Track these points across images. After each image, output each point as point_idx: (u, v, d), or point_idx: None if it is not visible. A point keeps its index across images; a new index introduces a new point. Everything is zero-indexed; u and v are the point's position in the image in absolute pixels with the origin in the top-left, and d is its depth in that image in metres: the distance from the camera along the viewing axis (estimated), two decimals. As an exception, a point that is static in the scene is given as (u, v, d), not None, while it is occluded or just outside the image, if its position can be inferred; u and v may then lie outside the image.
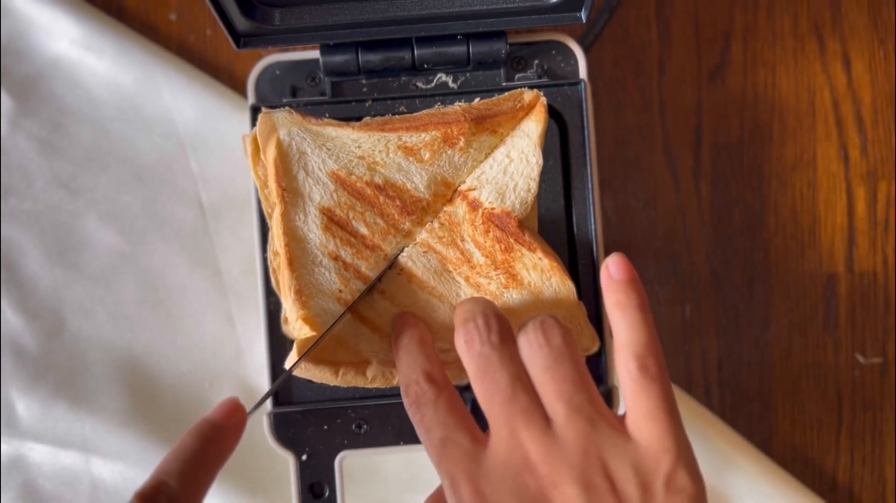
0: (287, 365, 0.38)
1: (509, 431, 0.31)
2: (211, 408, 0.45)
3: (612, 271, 0.34)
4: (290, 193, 0.38)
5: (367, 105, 0.40)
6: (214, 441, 0.31)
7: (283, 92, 0.41)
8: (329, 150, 0.38)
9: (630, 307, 0.33)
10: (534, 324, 0.33)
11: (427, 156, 0.38)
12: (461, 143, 0.38)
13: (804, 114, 0.47)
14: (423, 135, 0.38)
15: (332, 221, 0.38)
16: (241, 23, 0.38)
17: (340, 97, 0.41)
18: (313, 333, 0.38)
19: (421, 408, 0.33)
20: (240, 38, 0.39)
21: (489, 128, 0.38)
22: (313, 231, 0.38)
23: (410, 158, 0.38)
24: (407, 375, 0.34)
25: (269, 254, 0.40)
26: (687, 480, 0.30)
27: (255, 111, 0.40)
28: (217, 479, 0.44)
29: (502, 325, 0.33)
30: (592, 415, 0.31)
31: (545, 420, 0.31)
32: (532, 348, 0.32)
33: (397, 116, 0.39)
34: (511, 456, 0.30)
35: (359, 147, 0.38)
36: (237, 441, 0.33)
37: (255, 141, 0.39)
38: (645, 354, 0.32)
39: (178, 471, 0.30)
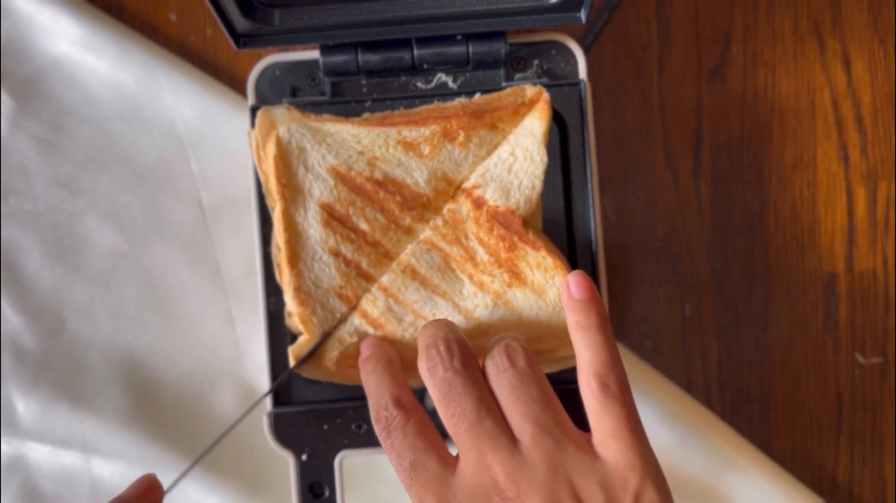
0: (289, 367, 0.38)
1: (477, 454, 0.31)
2: (211, 408, 0.45)
3: (573, 291, 0.35)
4: (290, 190, 0.38)
5: (366, 105, 0.40)
6: None
7: (283, 92, 0.41)
8: (329, 145, 0.38)
9: (590, 328, 0.33)
10: (499, 347, 0.34)
11: (427, 150, 0.38)
12: (461, 138, 0.38)
13: (804, 114, 0.47)
14: (422, 129, 0.38)
15: (333, 217, 0.38)
16: (241, 23, 0.38)
17: (340, 97, 0.41)
18: (307, 335, 0.38)
19: (391, 433, 0.33)
20: (240, 39, 0.39)
21: (489, 122, 0.38)
22: (314, 227, 0.38)
23: (410, 153, 0.38)
24: (376, 401, 0.35)
25: (273, 249, 0.40)
26: (655, 495, 0.31)
27: (254, 111, 0.40)
28: (217, 479, 0.45)
29: (464, 350, 0.33)
30: (559, 435, 0.31)
31: (512, 442, 0.31)
32: (498, 370, 0.33)
33: (397, 112, 0.39)
34: (479, 478, 0.31)
35: (358, 142, 0.38)
36: None
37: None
38: (606, 374, 0.32)
39: None
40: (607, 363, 0.33)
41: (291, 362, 0.38)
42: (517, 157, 0.38)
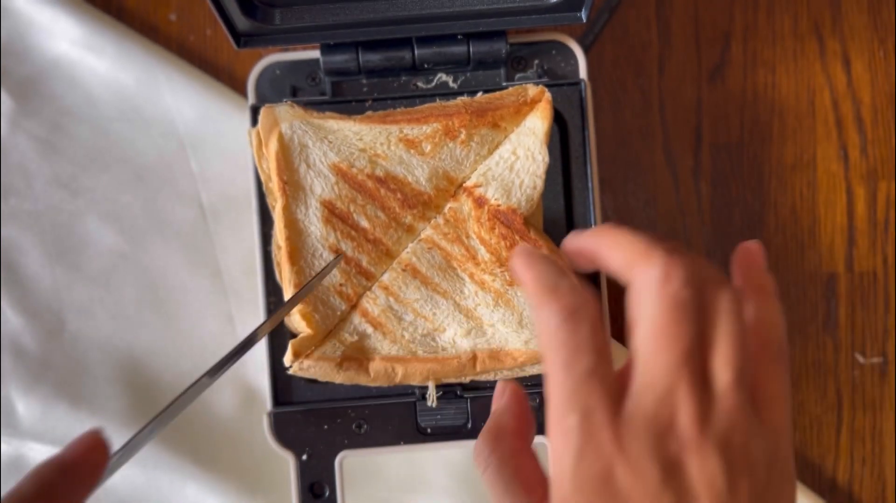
0: (286, 363, 0.38)
1: (669, 384, 0.28)
2: (211, 408, 0.45)
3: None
4: (292, 186, 0.38)
5: (367, 105, 0.40)
6: (57, 484, 0.27)
7: (284, 92, 0.41)
8: (331, 142, 0.38)
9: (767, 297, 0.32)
10: (734, 292, 0.30)
11: (428, 148, 0.38)
12: (462, 136, 0.38)
13: (804, 114, 0.47)
14: (424, 127, 0.38)
15: (333, 214, 0.38)
16: (242, 22, 0.38)
17: (340, 97, 0.41)
18: (310, 331, 0.38)
19: (578, 321, 0.28)
20: (240, 38, 0.39)
21: (490, 121, 0.38)
22: (314, 224, 0.38)
23: (412, 151, 0.38)
24: (554, 274, 0.29)
25: (273, 248, 0.40)
26: (792, 468, 0.30)
27: (255, 111, 0.40)
28: (217, 479, 0.44)
29: (715, 272, 0.30)
30: (748, 393, 0.29)
31: (708, 387, 0.28)
32: (726, 308, 0.29)
33: (399, 109, 0.39)
34: (659, 409, 0.28)
35: (360, 139, 0.38)
36: (94, 483, 0.28)
37: (259, 135, 0.39)
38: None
39: None
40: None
41: (290, 357, 0.38)
42: (519, 156, 0.38)
